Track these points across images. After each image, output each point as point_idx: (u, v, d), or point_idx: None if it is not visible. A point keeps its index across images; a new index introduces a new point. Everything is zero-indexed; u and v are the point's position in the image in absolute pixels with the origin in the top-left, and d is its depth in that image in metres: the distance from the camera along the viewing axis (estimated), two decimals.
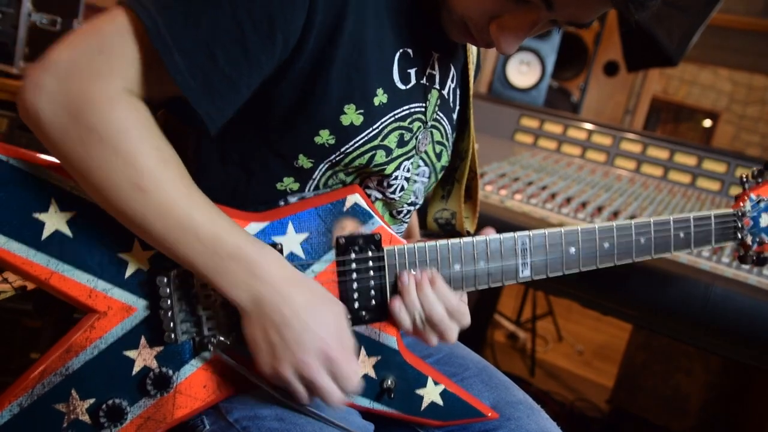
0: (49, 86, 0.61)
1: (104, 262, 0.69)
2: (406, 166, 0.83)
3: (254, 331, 0.69)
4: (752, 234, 1.04)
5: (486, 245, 0.83)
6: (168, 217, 0.64)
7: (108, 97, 0.62)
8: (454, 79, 0.91)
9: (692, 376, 2.43)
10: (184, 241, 0.65)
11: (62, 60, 0.62)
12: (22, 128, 1.68)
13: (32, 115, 0.62)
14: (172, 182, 0.65)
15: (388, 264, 0.80)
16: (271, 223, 0.76)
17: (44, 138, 0.63)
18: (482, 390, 0.93)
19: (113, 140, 0.62)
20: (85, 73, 0.62)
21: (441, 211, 1.02)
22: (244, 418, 0.75)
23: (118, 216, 0.66)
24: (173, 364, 0.73)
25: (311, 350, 0.69)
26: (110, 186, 0.63)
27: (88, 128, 0.61)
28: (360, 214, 0.79)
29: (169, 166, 0.65)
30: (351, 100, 0.73)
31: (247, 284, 0.67)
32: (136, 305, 0.71)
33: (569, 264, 0.88)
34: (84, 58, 0.62)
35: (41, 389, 0.68)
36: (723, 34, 5.03)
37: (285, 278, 0.69)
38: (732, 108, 7.30)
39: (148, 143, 0.64)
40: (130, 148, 0.62)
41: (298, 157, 0.75)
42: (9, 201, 0.66)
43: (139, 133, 0.63)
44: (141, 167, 0.63)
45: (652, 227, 0.91)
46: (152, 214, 0.64)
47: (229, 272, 0.67)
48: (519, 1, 0.70)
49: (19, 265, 0.66)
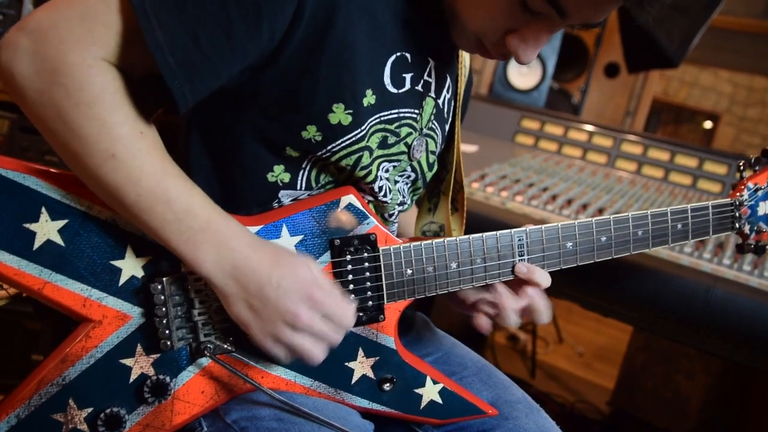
0: (26, 48, 0.60)
1: (97, 271, 0.68)
2: (386, 167, 0.83)
3: (238, 307, 0.68)
4: (750, 223, 1.03)
5: (482, 242, 0.83)
6: (141, 186, 0.63)
7: (87, 63, 0.61)
8: (449, 90, 0.91)
9: (692, 378, 2.43)
10: (157, 211, 0.64)
11: (43, 23, 0.61)
12: (23, 130, 1.68)
13: (7, 75, 0.61)
14: (147, 151, 0.64)
15: (384, 264, 0.80)
16: (264, 226, 0.75)
17: (19, 99, 0.63)
18: (481, 389, 0.93)
19: (88, 107, 0.61)
20: (65, 38, 0.61)
21: (429, 224, 1.03)
22: (242, 419, 0.75)
23: (91, 183, 0.65)
24: (170, 371, 0.72)
25: (296, 301, 0.68)
26: (84, 153, 0.62)
27: (63, 92, 0.60)
28: (355, 214, 0.79)
29: (145, 136, 0.65)
30: (341, 99, 0.73)
31: (218, 256, 0.66)
32: (131, 313, 0.70)
33: (567, 259, 0.88)
34: (66, 23, 0.61)
35: (38, 400, 0.67)
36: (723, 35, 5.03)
37: (250, 243, 0.69)
38: (732, 110, 7.30)
39: (123, 112, 0.63)
40: (104, 116, 0.62)
41: (285, 149, 0.75)
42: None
43: (114, 101, 0.63)
44: (115, 135, 0.62)
45: (650, 219, 0.91)
46: (125, 183, 0.63)
47: (199, 244, 0.66)
48: (533, 14, 0.71)
49: (11, 276, 0.65)
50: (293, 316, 0.68)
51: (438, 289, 0.83)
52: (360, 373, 0.82)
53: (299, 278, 0.69)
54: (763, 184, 1.03)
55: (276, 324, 0.68)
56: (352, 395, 0.82)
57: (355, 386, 0.82)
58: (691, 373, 2.43)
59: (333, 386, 0.81)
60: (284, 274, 0.68)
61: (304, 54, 0.70)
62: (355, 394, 0.82)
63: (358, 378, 0.82)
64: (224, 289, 0.67)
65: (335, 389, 0.81)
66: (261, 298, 0.67)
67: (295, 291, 0.68)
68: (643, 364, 2.55)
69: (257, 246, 0.69)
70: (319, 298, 0.69)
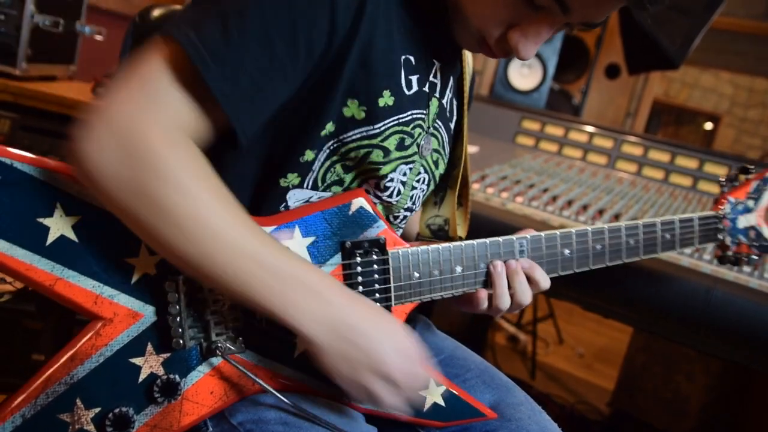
0: (102, 137, 0.60)
1: (110, 268, 0.68)
2: (403, 170, 0.84)
3: (335, 360, 0.68)
4: (731, 235, 1.10)
5: (486, 248, 0.86)
6: (236, 253, 0.63)
7: (161, 135, 0.61)
8: (452, 90, 0.93)
9: (693, 379, 2.43)
10: (256, 276, 0.64)
11: (110, 109, 0.61)
12: (25, 129, 1.68)
13: (91, 170, 0.60)
14: (234, 217, 0.65)
15: (393, 267, 0.81)
16: (278, 226, 0.76)
17: (104, 192, 0.62)
18: (484, 391, 0.94)
19: (172, 177, 0.60)
20: (134, 115, 0.61)
21: (434, 218, 1.04)
22: (248, 421, 0.75)
23: (178, 260, 0.64)
24: (180, 371, 0.72)
25: (388, 349, 0.69)
26: (172, 224, 0.61)
27: (145, 168, 0.60)
28: (365, 217, 0.80)
29: (229, 201, 0.65)
30: (355, 96, 0.75)
31: (321, 311, 0.66)
32: (143, 311, 0.70)
33: (565, 265, 0.92)
34: (130, 102, 0.62)
35: (45, 399, 0.66)
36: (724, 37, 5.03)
37: (347, 296, 0.70)
38: (733, 111, 7.31)
39: (207, 181, 0.64)
40: (190, 184, 0.61)
41: (305, 153, 0.76)
42: (12, 205, 0.64)
43: (197, 169, 0.63)
44: (203, 203, 0.62)
45: (641, 229, 0.97)
46: (219, 250, 0.63)
47: (299, 302, 0.66)
48: (536, 8, 0.72)
49: (23, 271, 0.64)
50: (382, 362, 0.69)
51: (443, 291, 0.84)
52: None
53: (394, 332, 0.71)
54: (742, 198, 1.11)
55: (364, 369, 0.69)
56: None
57: None
58: (691, 374, 2.43)
59: (338, 388, 0.81)
60: (381, 326, 0.70)
61: (333, 64, 0.72)
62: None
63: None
64: (322, 342, 0.67)
65: (340, 390, 0.81)
66: (357, 347, 0.68)
67: (390, 341, 0.70)
68: (644, 365, 2.55)
69: (354, 298, 0.71)
70: (410, 353, 0.71)
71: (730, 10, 4.21)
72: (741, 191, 1.11)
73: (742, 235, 1.10)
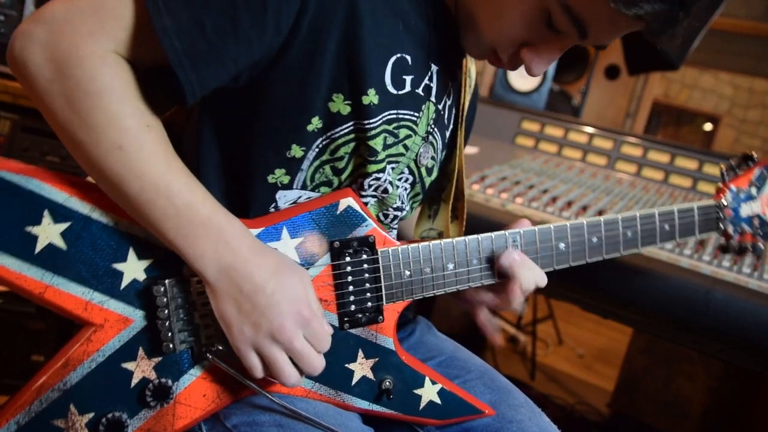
0: (40, 38, 0.62)
1: (99, 274, 0.68)
2: (388, 169, 0.83)
3: (225, 305, 0.68)
4: (733, 224, 1.07)
5: (478, 244, 0.84)
6: (144, 179, 0.64)
7: (97, 54, 0.62)
8: (451, 97, 0.91)
9: (693, 381, 2.43)
10: (158, 204, 0.65)
11: (57, 14, 0.62)
12: (25, 130, 1.68)
13: (20, 64, 0.63)
14: (153, 145, 0.65)
15: (383, 265, 0.80)
16: (266, 228, 0.75)
17: (29, 88, 0.64)
18: (484, 392, 0.94)
19: (98, 97, 0.62)
20: (77, 29, 0.62)
21: (428, 231, 1.03)
22: (242, 423, 0.75)
23: (94, 174, 0.66)
24: (172, 375, 0.72)
25: (287, 313, 0.68)
26: (90, 142, 0.63)
27: (74, 83, 0.61)
28: (353, 216, 0.79)
29: (152, 129, 0.66)
30: (340, 90, 0.74)
31: (217, 253, 0.67)
32: (133, 316, 0.70)
33: (560, 259, 0.89)
34: (78, 15, 0.63)
35: (39, 406, 0.66)
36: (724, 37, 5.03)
37: (252, 247, 0.69)
38: (733, 112, 7.31)
39: (132, 104, 0.64)
40: (113, 106, 0.63)
41: (291, 147, 0.76)
42: (0, 215, 0.64)
43: (124, 93, 0.64)
44: (123, 126, 0.63)
45: (638, 220, 0.94)
46: (129, 174, 0.64)
47: (198, 239, 0.66)
48: (556, 32, 0.73)
49: (13, 279, 0.64)
50: (281, 328, 0.68)
51: (435, 289, 0.83)
52: (360, 375, 0.82)
53: (293, 293, 0.69)
54: (744, 186, 1.08)
55: (259, 331, 0.68)
56: (352, 396, 0.82)
57: (355, 387, 0.82)
58: (692, 376, 2.43)
59: (333, 388, 0.81)
60: (280, 285, 0.69)
61: (310, 50, 0.71)
62: (355, 396, 0.82)
63: (358, 379, 0.82)
64: (216, 285, 0.68)
65: (336, 391, 0.81)
66: (252, 302, 0.67)
67: (288, 305, 0.68)
68: (644, 367, 2.55)
69: (258, 250, 0.70)
70: (307, 316, 0.70)
71: (730, 11, 4.22)
72: (743, 179, 1.08)
73: (746, 223, 1.08)
